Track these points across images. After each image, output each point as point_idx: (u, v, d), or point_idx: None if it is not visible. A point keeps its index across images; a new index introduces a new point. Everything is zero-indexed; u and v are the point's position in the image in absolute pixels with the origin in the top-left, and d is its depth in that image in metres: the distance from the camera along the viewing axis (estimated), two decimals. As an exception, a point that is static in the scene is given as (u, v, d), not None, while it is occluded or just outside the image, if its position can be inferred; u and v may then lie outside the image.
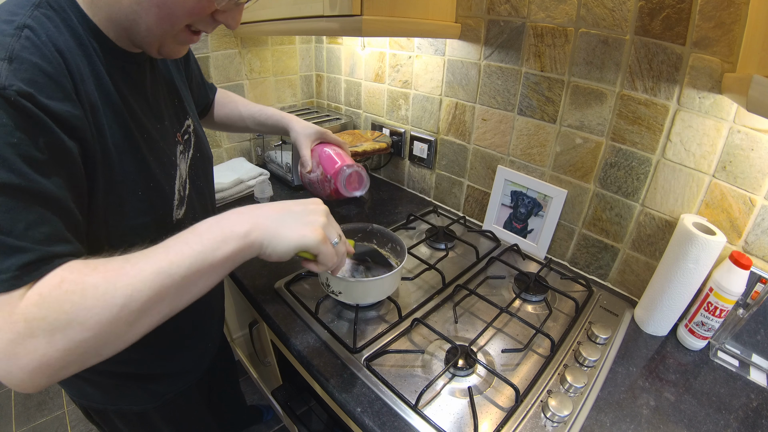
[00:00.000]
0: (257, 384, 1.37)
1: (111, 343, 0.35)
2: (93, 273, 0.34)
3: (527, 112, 0.92)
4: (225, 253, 0.40)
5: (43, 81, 0.37)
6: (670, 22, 0.67)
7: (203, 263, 0.39)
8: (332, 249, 0.49)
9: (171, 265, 0.37)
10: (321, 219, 0.49)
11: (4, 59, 0.35)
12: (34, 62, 0.37)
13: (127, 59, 0.50)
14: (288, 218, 0.46)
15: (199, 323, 0.72)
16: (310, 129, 0.82)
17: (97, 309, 0.33)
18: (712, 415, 0.61)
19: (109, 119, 0.46)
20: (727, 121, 0.66)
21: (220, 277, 0.42)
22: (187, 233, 0.40)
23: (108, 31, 0.47)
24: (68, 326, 0.32)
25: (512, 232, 1.03)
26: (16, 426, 1.46)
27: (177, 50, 0.51)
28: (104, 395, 0.65)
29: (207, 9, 0.46)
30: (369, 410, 0.59)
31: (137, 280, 0.35)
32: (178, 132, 0.62)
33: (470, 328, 0.75)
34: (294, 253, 0.46)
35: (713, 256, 0.67)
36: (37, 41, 0.38)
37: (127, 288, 0.34)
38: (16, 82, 0.35)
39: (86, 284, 0.33)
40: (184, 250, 0.38)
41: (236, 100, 0.88)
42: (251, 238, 0.42)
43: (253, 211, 0.45)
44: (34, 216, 0.35)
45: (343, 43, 1.38)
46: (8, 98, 0.34)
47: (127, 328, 0.35)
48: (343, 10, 0.78)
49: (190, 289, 0.39)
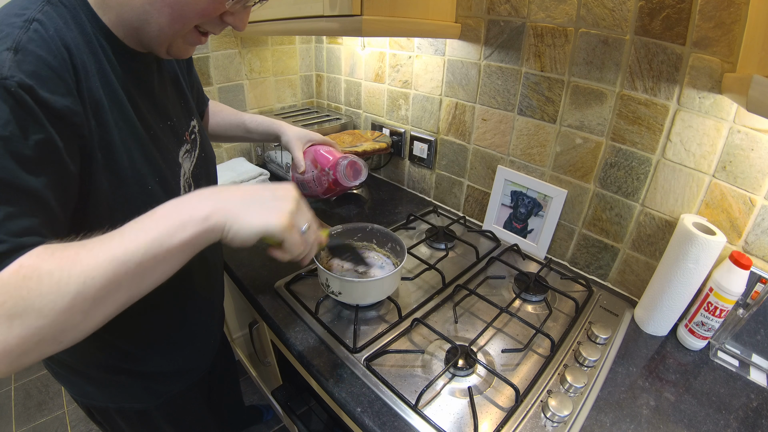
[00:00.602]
0: (257, 384, 1.37)
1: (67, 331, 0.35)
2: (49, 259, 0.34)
3: (527, 112, 0.92)
4: (182, 239, 0.39)
5: (46, 74, 0.38)
6: (670, 22, 0.67)
7: (159, 249, 0.37)
8: (299, 237, 0.47)
9: (126, 252, 0.36)
10: (289, 205, 0.46)
11: (10, 49, 0.36)
12: (39, 55, 0.37)
13: (135, 59, 0.51)
14: (253, 203, 0.44)
15: (200, 321, 0.72)
16: (300, 132, 0.83)
17: (51, 296, 0.33)
18: (712, 415, 0.61)
19: (115, 116, 0.46)
20: (727, 121, 0.66)
21: (180, 263, 0.41)
22: (144, 218, 0.39)
23: (117, 30, 0.47)
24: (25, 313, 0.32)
25: (512, 232, 1.03)
26: (16, 426, 1.46)
27: (185, 50, 0.52)
28: (105, 393, 0.65)
29: (217, 10, 0.47)
30: (369, 410, 0.59)
31: (91, 268, 0.34)
32: (186, 131, 0.62)
33: (470, 328, 0.75)
34: (257, 238, 0.44)
35: (713, 256, 0.67)
36: (44, 35, 0.39)
37: (81, 276, 0.34)
38: (19, 73, 0.35)
39: (42, 271, 0.33)
40: (140, 236, 0.37)
41: (226, 109, 0.89)
42: (211, 222, 0.41)
43: (216, 194, 0.43)
44: (13, 209, 0.35)
45: (343, 43, 1.38)
46: (8, 88, 0.35)
47: (82, 317, 0.35)
48: (343, 10, 0.78)
49: (146, 276, 0.38)
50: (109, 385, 0.64)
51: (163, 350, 0.66)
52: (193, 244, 0.40)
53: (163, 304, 0.62)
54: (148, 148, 0.51)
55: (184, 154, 0.61)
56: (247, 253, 0.94)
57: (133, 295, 0.38)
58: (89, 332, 0.37)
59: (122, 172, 0.47)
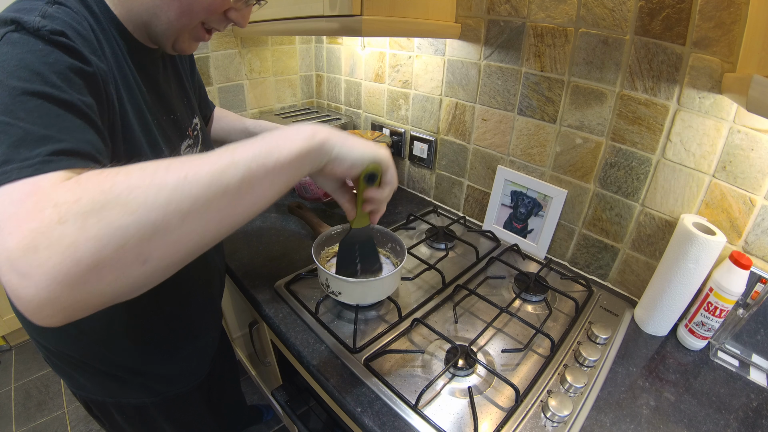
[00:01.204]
0: (257, 384, 1.37)
1: (157, 238, 0.28)
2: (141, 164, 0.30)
3: (527, 112, 0.92)
4: (292, 150, 0.37)
5: (73, 34, 0.39)
6: (670, 22, 0.67)
7: (269, 158, 0.35)
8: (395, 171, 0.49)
9: (234, 156, 0.33)
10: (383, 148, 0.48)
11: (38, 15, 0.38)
12: (65, 20, 0.39)
13: (144, 53, 0.53)
14: (354, 137, 0.45)
15: (200, 320, 0.72)
16: None
17: (143, 188, 0.27)
18: (712, 415, 0.61)
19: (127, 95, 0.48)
20: (727, 121, 0.66)
21: (285, 182, 0.37)
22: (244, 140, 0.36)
23: (128, 24, 0.49)
24: (105, 207, 0.26)
25: (512, 232, 1.03)
26: (16, 426, 1.46)
27: (190, 46, 0.54)
28: (103, 388, 0.65)
29: (223, 6, 0.50)
30: (369, 410, 0.59)
31: (194, 164, 0.30)
32: (189, 127, 0.64)
33: (470, 328, 0.74)
34: (367, 162, 0.44)
35: (713, 256, 0.67)
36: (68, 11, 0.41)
37: (182, 170, 0.29)
38: (51, 24, 0.37)
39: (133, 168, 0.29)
40: (247, 146, 0.35)
41: (230, 115, 0.90)
42: (319, 138, 0.40)
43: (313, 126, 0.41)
44: (68, 123, 0.34)
45: (343, 43, 1.38)
46: (43, 36, 0.36)
47: (179, 220, 0.29)
48: (343, 10, 0.78)
49: (253, 188, 0.34)
50: (106, 379, 0.64)
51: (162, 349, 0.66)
52: (300, 160, 0.38)
53: (163, 303, 0.62)
54: (153, 135, 0.52)
55: (186, 149, 0.62)
56: (247, 252, 0.94)
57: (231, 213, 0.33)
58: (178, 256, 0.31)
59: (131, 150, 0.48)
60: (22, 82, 0.33)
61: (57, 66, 0.36)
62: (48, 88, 0.34)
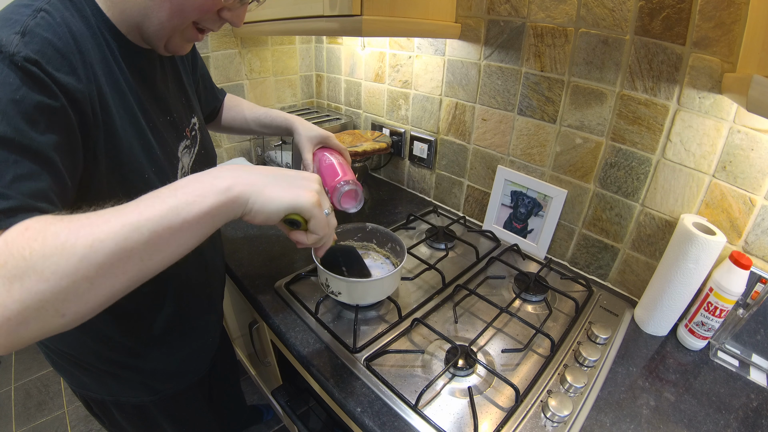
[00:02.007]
0: (257, 384, 1.37)
1: (70, 300, 0.32)
2: (58, 223, 0.32)
3: (527, 112, 0.92)
4: (202, 209, 0.36)
5: (51, 53, 0.39)
6: (670, 22, 0.67)
7: (176, 218, 0.35)
8: (325, 217, 0.46)
9: (140, 218, 0.34)
10: (315, 185, 0.45)
11: (18, 33, 0.37)
12: (45, 37, 0.39)
13: (138, 54, 0.52)
14: (279, 179, 0.43)
15: (199, 320, 0.72)
16: (313, 132, 0.81)
17: (55, 257, 0.30)
18: (712, 415, 0.61)
19: (116, 104, 0.47)
20: (727, 121, 0.66)
21: (196, 238, 0.38)
22: (163, 189, 0.37)
23: (121, 26, 0.49)
24: (25, 275, 0.30)
25: (512, 232, 1.03)
26: (16, 426, 1.46)
27: (183, 47, 0.53)
28: (103, 386, 0.65)
29: (215, 5, 0.48)
30: (369, 410, 0.59)
31: (101, 231, 0.32)
32: (187, 127, 0.63)
33: (470, 328, 0.74)
34: (284, 214, 0.42)
35: (713, 256, 0.67)
36: (51, 21, 0.41)
37: (89, 237, 0.32)
38: (25, 50, 0.37)
39: (48, 232, 0.31)
40: (156, 203, 0.35)
41: (242, 103, 0.89)
42: (234, 193, 0.38)
43: (240, 168, 0.41)
44: (24, 170, 0.35)
45: (343, 43, 1.38)
46: (16, 63, 0.36)
47: (87, 285, 0.32)
48: (343, 10, 0.78)
49: (159, 247, 0.35)
50: (106, 377, 0.64)
51: (161, 348, 0.66)
52: (212, 216, 0.38)
53: (162, 303, 0.62)
54: (147, 139, 0.52)
55: (184, 150, 0.62)
56: (247, 252, 0.94)
57: (142, 269, 0.35)
58: (94, 309, 0.34)
59: (121, 157, 0.48)
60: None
61: (23, 105, 0.36)
62: (10, 132, 0.34)
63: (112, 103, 0.46)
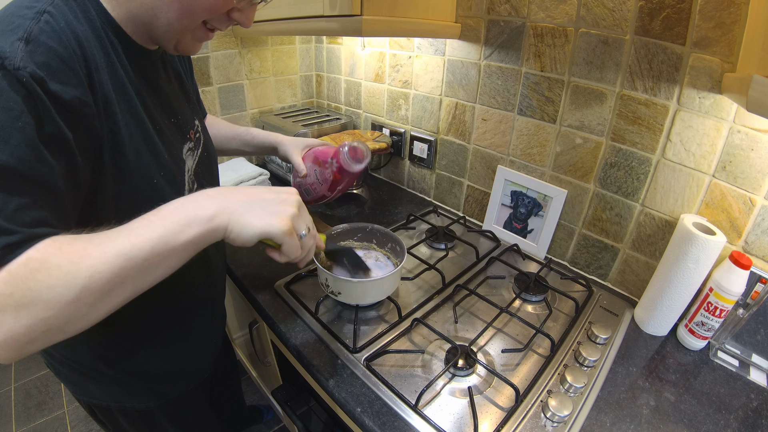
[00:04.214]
0: (257, 384, 1.37)
1: (73, 322, 0.36)
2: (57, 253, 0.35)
3: (527, 112, 0.92)
4: (188, 237, 0.40)
5: (57, 65, 0.38)
6: (670, 22, 0.67)
7: (164, 247, 0.39)
8: (297, 241, 0.48)
9: (132, 248, 0.37)
10: (291, 210, 0.48)
11: (22, 39, 0.36)
12: (50, 46, 0.38)
13: (143, 55, 0.52)
14: (257, 205, 0.46)
15: (202, 320, 0.72)
16: (297, 140, 0.83)
17: (59, 288, 0.34)
18: (712, 415, 0.61)
19: (122, 109, 0.47)
20: (727, 121, 0.66)
21: (182, 260, 0.42)
22: (151, 215, 0.40)
23: (126, 26, 0.48)
24: (32, 304, 0.33)
25: (512, 232, 1.03)
26: (16, 426, 1.46)
27: (193, 47, 0.53)
28: (108, 392, 0.65)
29: (226, 6, 0.48)
30: (369, 410, 0.59)
31: (98, 262, 0.35)
32: (191, 129, 0.63)
33: (470, 328, 0.74)
34: (257, 240, 0.45)
35: (713, 256, 0.67)
36: (55, 26, 0.39)
37: (89, 269, 0.35)
38: (30, 64, 0.36)
39: (51, 264, 0.34)
40: (145, 233, 0.38)
41: (221, 122, 0.90)
42: (215, 223, 0.42)
43: (222, 195, 0.45)
44: (26, 200, 0.35)
45: (343, 43, 1.38)
46: (20, 79, 0.35)
47: (88, 309, 0.36)
48: (343, 10, 0.78)
49: (151, 271, 0.39)
50: (112, 383, 0.64)
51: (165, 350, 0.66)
52: (196, 243, 0.42)
53: (164, 304, 0.62)
54: (154, 143, 0.51)
55: (188, 152, 0.61)
56: (247, 253, 0.94)
57: (137, 289, 0.40)
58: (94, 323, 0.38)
59: (129, 164, 0.47)
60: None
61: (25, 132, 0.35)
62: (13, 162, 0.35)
63: (119, 110, 0.46)
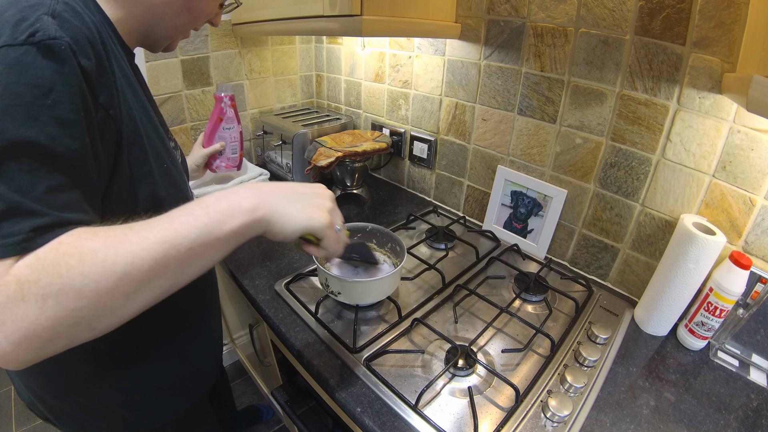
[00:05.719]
0: (257, 384, 1.37)
1: (105, 316, 0.33)
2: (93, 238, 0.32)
3: (527, 112, 0.92)
4: (232, 227, 0.39)
5: (83, 43, 0.37)
6: (670, 22, 0.67)
7: (209, 236, 0.37)
8: (336, 234, 0.49)
9: (176, 236, 0.35)
10: (328, 203, 0.49)
11: (48, 14, 0.35)
12: (74, 24, 0.37)
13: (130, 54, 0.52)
14: (296, 198, 0.46)
15: (207, 320, 0.71)
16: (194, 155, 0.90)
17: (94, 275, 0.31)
18: (712, 415, 0.61)
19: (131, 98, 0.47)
20: (727, 121, 0.66)
21: (224, 253, 0.41)
22: (192, 205, 0.39)
23: (120, 26, 0.48)
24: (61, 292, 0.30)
25: (512, 232, 1.03)
26: (16, 426, 1.46)
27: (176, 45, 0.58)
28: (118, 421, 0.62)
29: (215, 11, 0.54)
30: (369, 410, 0.59)
31: (140, 248, 0.33)
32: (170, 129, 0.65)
33: (470, 328, 0.74)
34: (301, 234, 0.45)
35: (713, 256, 0.67)
36: (75, 8, 0.39)
37: (129, 255, 0.32)
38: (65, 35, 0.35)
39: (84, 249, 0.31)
40: (190, 221, 0.37)
41: None
42: (259, 214, 0.42)
43: (261, 188, 0.44)
44: (57, 181, 0.34)
45: (343, 43, 1.38)
46: (58, 47, 0.34)
47: (124, 300, 0.33)
48: (343, 10, 0.78)
49: (192, 262, 0.38)
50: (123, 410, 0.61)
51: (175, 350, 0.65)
52: (239, 234, 0.41)
53: (166, 303, 0.61)
54: (158, 130, 0.52)
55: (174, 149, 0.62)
56: (246, 253, 0.94)
57: (176, 281, 0.37)
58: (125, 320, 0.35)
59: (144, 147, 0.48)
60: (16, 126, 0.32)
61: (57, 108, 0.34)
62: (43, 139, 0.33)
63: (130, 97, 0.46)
